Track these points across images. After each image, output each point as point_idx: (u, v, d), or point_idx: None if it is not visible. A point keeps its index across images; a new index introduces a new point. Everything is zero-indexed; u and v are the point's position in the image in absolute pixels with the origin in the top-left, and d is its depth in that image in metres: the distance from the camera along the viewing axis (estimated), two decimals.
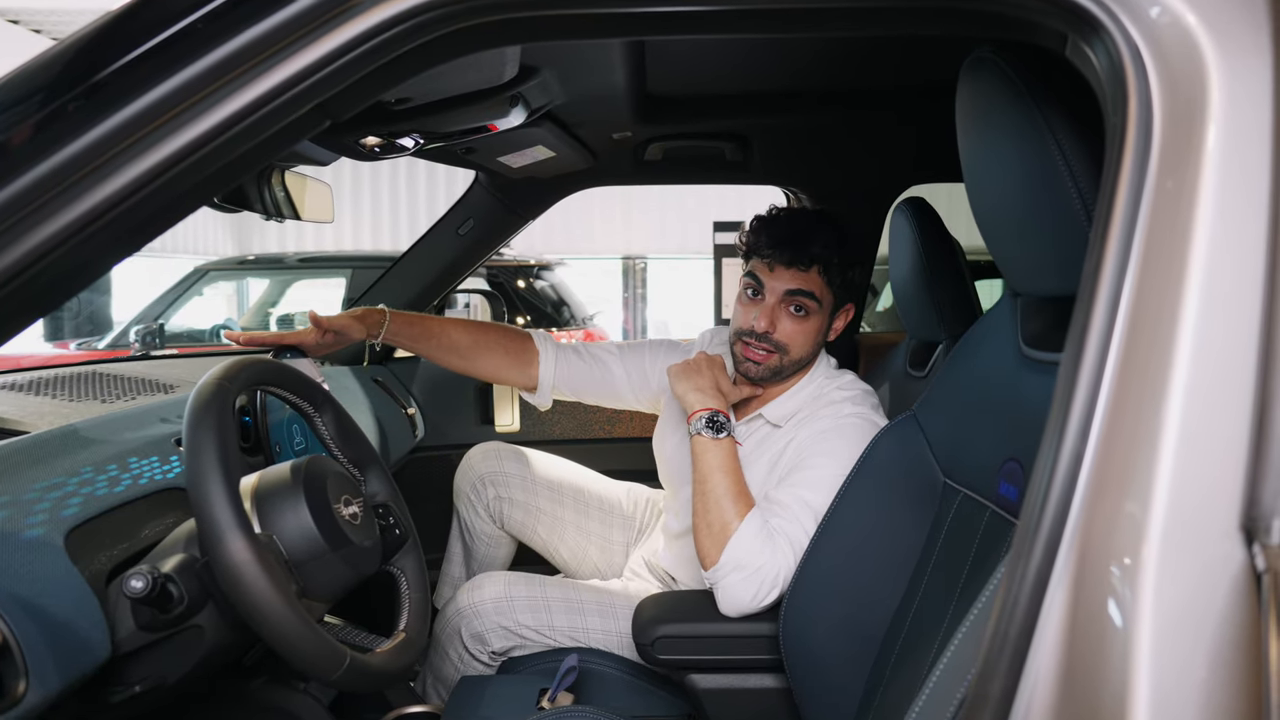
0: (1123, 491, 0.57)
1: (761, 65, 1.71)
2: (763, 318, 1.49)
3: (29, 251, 0.62)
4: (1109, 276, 0.61)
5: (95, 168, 0.64)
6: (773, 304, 1.50)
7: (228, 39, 0.64)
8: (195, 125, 0.65)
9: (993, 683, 0.58)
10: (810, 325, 1.51)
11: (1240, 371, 0.56)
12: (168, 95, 0.64)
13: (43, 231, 0.63)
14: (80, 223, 0.64)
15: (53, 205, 0.63)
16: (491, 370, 1.77)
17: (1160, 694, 0.52)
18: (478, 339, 1.75)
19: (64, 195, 0.63)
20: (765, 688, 1.38)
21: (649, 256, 10.32)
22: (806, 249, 1.47)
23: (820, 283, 1.49)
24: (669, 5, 0.71)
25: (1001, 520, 1.00)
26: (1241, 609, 0.51)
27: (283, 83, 0.66)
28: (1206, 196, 0.59)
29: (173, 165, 0.65)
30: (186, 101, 0.65)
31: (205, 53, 0.64)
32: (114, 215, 0.64)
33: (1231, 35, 0.60)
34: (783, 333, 1.50)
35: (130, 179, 0.64)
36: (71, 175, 0.63)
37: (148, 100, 0.64)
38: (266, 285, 6.54)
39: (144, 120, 0.64)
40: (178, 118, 0.64)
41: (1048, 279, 0.96)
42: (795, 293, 1.49)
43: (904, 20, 0.79)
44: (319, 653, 0.87)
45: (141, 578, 0.85)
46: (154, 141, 0.65)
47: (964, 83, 0.99)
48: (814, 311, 1.50)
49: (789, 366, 1.53)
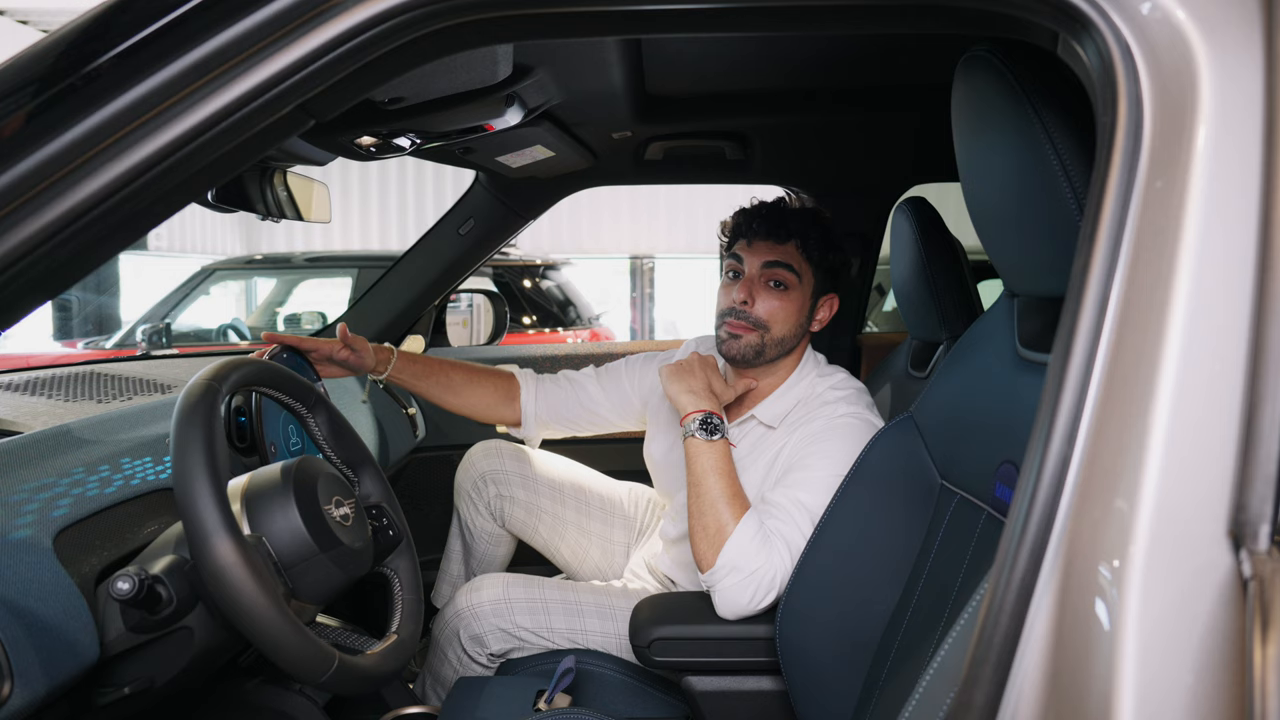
0: (1110, 496, 0.56)
1: (761, 64, 1.70)
2: (741, 290, 1.52)
3: (21, 243, 0.62)
4: (1097, 276, 0.60)
5: (78, 165, 0.63)
6: (752, 276, 1.52)
7: (208, 38, 0.64)
8: (178, 123, 0.64)
9: (978, 689, 0.58)
10: (790, 301, 1.52)
11: (1229, 374, 0.55)
12: (149, 93, 0.64)
13: (25, 230, 0.62)
14: (64, 220, 0.63)
15: (36, 202, 0.63)
16: (482, 407, 1.81)
17: (1146, 700, 0.51)
18: (470, 377, 1.79)
19: (47, 192, 0.63)
20: (762, 690, 1.37)
21: (657, 256, 10.32)
22: (783, 224, 1.51)
23: (798, 255, 1.52)
24: (653, 4, 0.71)
25: (997, 523, 0.99)
26: (1227, 615, 0.50)
27: (263, 82, 0.65)
28: (1196, 196, 0.58)
29: (156, 163, 0.65)
30: (168, 100, 0.65)
31: (186, 51, 0.64)
32: (98, 213, 0.64)
33: (1222, 33, 0.59)
34: (762, 308, 1.51)
35: (113, 177, 0.64)
36: (54, 172, 0.63)
37: (129, 98, 0.64)
38: (273, 285, 6.57)
39: (126, 118, 0.64)
40: (159, 116, 0.64)
41: (1043, 279, 0.95)
42: (773, 264, 1.51)
43: (894, 18, 0.78)
44: (306, 654, 0.86)
45: (128, 579, 0.84)
46: (137, 139, 0.64)
47: (959, 81, 0.98)
48: (793, 286, 1.52)
49: (771, 346, 1.53)
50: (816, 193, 2.21)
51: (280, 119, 0.70)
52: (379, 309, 2.17)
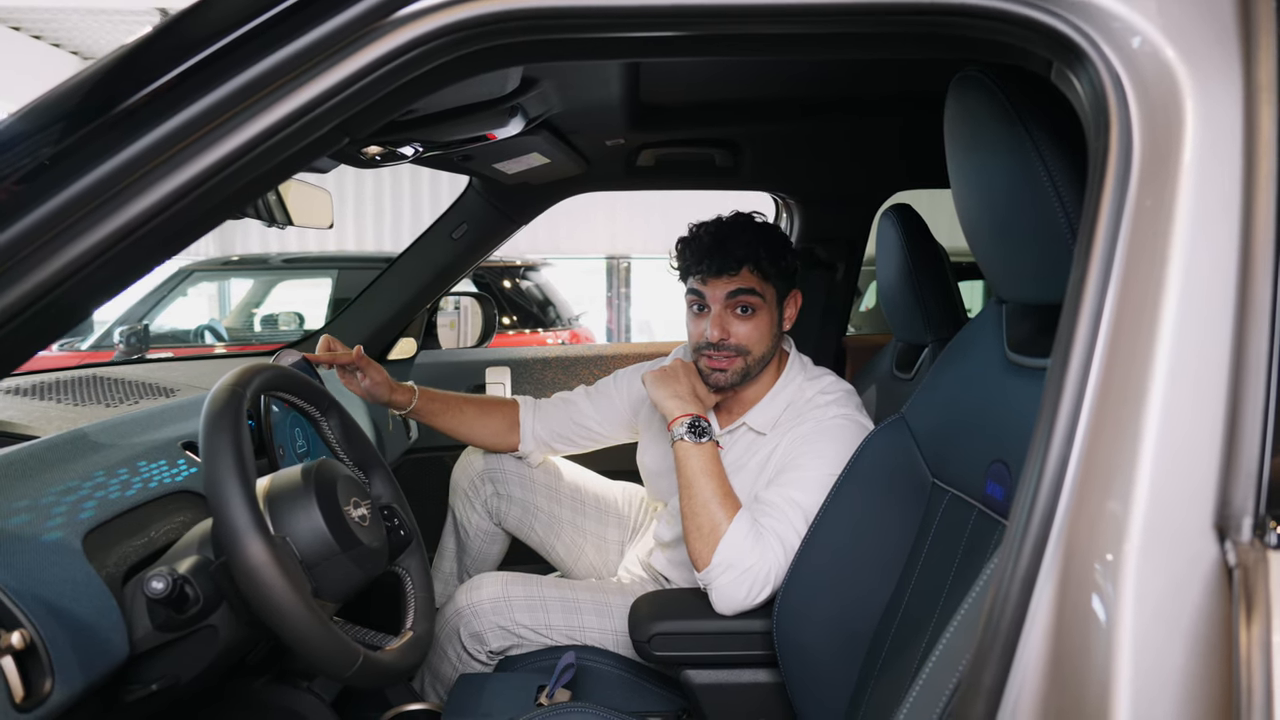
0: (1105, 493, 0.61)
1: (751, 74, 1.75)
2: (714, 327, 1.53)
3: (73, 260, 0.65)
4: (1092, 288, 0.64)
5: (132, 183, 0.66)
6: (718, 312, 1.54)
7: (258, 60, 0.67)
8: (227, 142, 0.67)
9: (985, 672, 0.62)
10: (761, 321, 1.55)
11: (1213, 379, 0.60)
12: (200, 114, 0.67)
13: (84, 242, 0.65)
14: (119, 234, 0.66)
15: (93, 217, 0.66)
16: (490, 435, 1.88)
17: (1141, 680, 0.56)
18: (481, 408, 1.89)
19: (104, 208, 0.66)
20: (759, 682, 1.42)
21: (633, 256, 10.34)
22: (730, 255, 1.51)
23: (755, 278, 1.53)
24: (672, 30, 0.75)
25: (988, 519, 1.04)
26: (1215, 601, 0.55)
27: (308, 103, 0.68)
28: (1183, 214, 0.63)
29: (205, 180, 0.68)
30: (216, 121, 0.68)
31: (238, 73, 0.67)
32: (150, 227, 0.67)
33: (1205, 65, 0.64)
34: (737, 336, 1.54)
35: (165, 194, 0.67)
36: (111, 190, 0.66)
37: (181, 119, 0.67)
38: (250, 285, 6.52)
39: (177, 138, 0.67)
40: (211, 134, 0.67)
41: (1031, 287, 1.00)
42: (735, 294, 1.53)
43: (894, 44, 0.82)
44: (335, 650, 0.90)
45: (162, 579, 0.87)
46: (187, 158, 0.67)
47: (952, 99, 1.02)
48: (759, 307, 1.54)
49: (755, 365, 1.57)
50: (803, 199, 2.26)
51: (319, 138, 0.73)
52: (372, 313, 2.19)
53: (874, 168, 2.24)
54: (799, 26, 0.74)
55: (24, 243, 0.65)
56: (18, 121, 0.67)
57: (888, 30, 0.77)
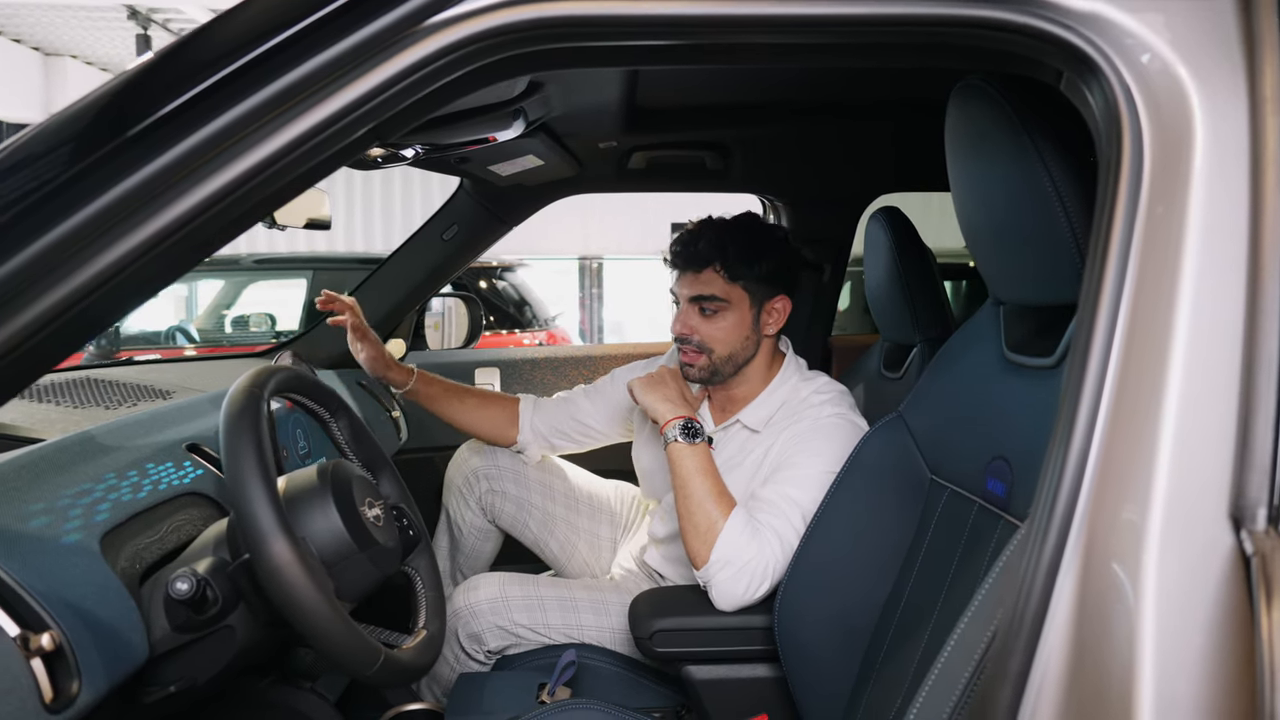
0: (1124, 488, 0.64)
1: (743, 78, 1.77)
2: (677, 322, 1.58)
3: (111, 264, 0.65)
4: (1108, 295, 0.67)
5: (168, 189, 0.67)
6: (684, 308, 1.59)
7: (297, 65, 0.68)
8: (266, 145, 0.68)
9: (1011, 660, 0.65)
10: (725, 322, 1.56)
11: (1226, 377, 0.63)
12: (238, 119, 0.68)
13: (121, 247, 0.66)
14: (155, 239, 0.67)
15: (131, 222, 0.66)
16: (489, 426, 1.91)
17: (1163, 664, 0.59)
18: (482, 399, 1.94)
19: (141, 213, 0.66)
20: (759, 677, 1.44)
21: (605, 257, 10.33)
22: (695, 253, 1.55)
23: (719, 279, 1.55)
24: (677, 39, 0.76)
25: (989, 514, 1.07)
26: (1233, 588, 0.59)
27: (347, 106, 0.69)
28: (1193, 221, 0.66)
29: (242, 185, 0.68)
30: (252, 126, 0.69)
31: (276, 78, 0.68)
32: (185, 232, 0.68)
33: (1213, 78, 0.67)
34: (699, 333, 1.57)
35: (201, 198, 0.68)
36: (148, 195, 0.66)
37: (218, 125, 0.68)
38: (221, 286, 6.43)
39: (213, 144, 0.68)
40: (248, 138, 0.68)
41: (1030, 289, 1.03)
42: (697, 297, 1.57)
43: (905, 54, 0.84)
44: (358, 649, 0.90)
45: (186, 579, 0.87)
46: (223, 163, 0.68)
47: (954, 107, 1.05)
48: (722, 309, 1.56)
49: (723, 364, 1.58)
50: (791, 201, 2.30)
51: (353, 142, 0.74)
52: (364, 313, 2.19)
53: (861, 171, 2.28)
54: (820, 37, 0.76)
55: (64, 248, 0.66)
56: (59, 127, 0.67)
57: (901, 41, 0.79)
